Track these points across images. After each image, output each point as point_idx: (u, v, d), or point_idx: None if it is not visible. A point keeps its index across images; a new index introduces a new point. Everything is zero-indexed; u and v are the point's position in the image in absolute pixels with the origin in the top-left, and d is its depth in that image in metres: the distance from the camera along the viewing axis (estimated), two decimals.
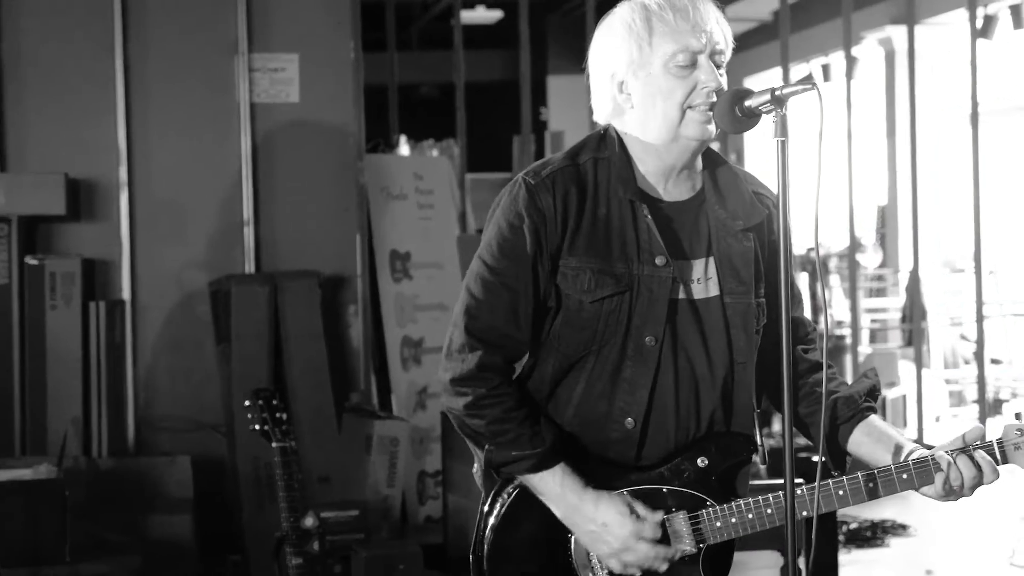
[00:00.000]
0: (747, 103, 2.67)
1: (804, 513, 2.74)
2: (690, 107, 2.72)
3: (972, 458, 2.73)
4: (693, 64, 2.72)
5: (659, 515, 2.73)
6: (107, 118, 6.41)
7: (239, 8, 6.57)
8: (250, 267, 6.50)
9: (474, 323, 2.75)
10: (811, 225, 2.75)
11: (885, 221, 14.26)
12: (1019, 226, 13.03)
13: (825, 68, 13.63)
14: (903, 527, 7.71)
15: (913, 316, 12.27)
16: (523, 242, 2.73)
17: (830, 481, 2.76)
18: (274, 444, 4.89)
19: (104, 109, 6.39)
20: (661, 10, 2.73)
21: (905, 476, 2.74)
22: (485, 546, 2.81)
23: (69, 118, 6.38)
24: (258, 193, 6.57)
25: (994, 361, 12.52)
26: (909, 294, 12.99)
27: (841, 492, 2.75)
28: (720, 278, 2.80)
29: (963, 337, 13.79)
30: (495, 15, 16.92)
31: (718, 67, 2.74)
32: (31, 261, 6.07)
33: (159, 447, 6.32)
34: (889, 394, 10.98)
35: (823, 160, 2.64)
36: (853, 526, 7.59)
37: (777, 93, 2.62)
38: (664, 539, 2.74)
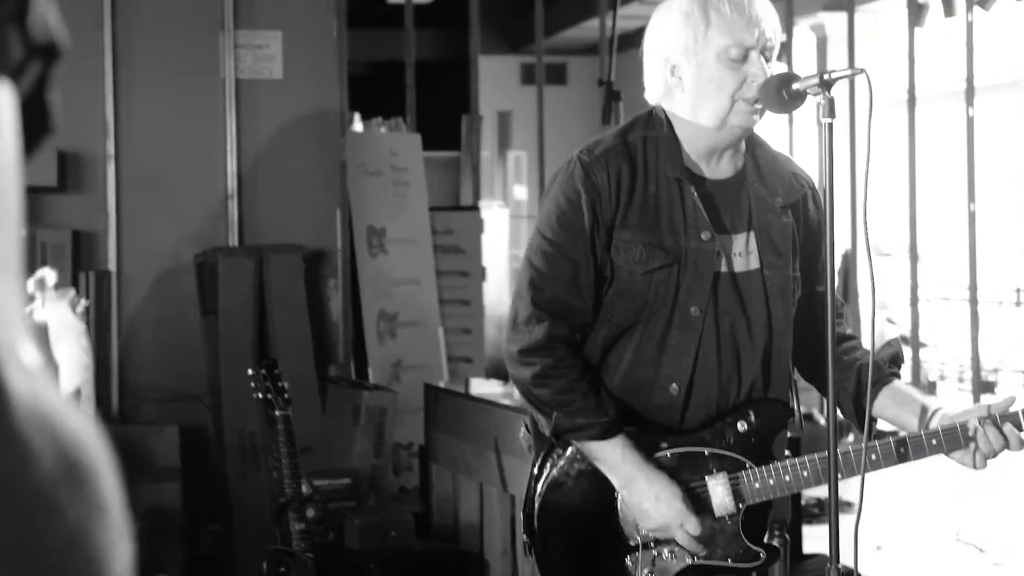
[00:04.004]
0: (795, 86, 2.84)
1: (840, 475, 2.92)
2: (740, 99, 2.89)
3: (998, 427, 2.92)
4: (744, 58, 2.88)
5: (703, 525, 2.89)
6: (95, 91, 6.47)
7: None
8: (234, 240, 6.59)
9: (539, 295, 2.88)
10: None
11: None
12: (943, 211, 13.34)
13: None
14: (849, 504, 7.91)
15: (847, 297, 12.56)
16: (580, 215, 2.88)
17: (863, 446, 2.94)
18: (277, 412, 4.99)
19: (93, 82, 6.45)
20: (719, 2, 2.89)
21: (935, 442, 2.91)
22: (536, 504, 2.96)
23: (59, 91, 6.43)
24: (242, 168, 6.67)
25: (921, 344, 12.85)
26: (842, 277, 13.28)
27: (874, 456, 2.92)
28: (760, 252, 2.97)
29: (889, 320, 14.12)
30: None
31: (767, 61, 2.92)
32: (22, 232, 6.11)
33: (142, 416, 6.41)
34: None
35: (871, 143, 2.85)
36: (801, 503, 7.79)
37: (825, 77, 2.81)
38: (700, 539, 2.91)
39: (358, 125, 10.65)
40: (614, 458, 2.87)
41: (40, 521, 0.73)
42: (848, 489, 2.90)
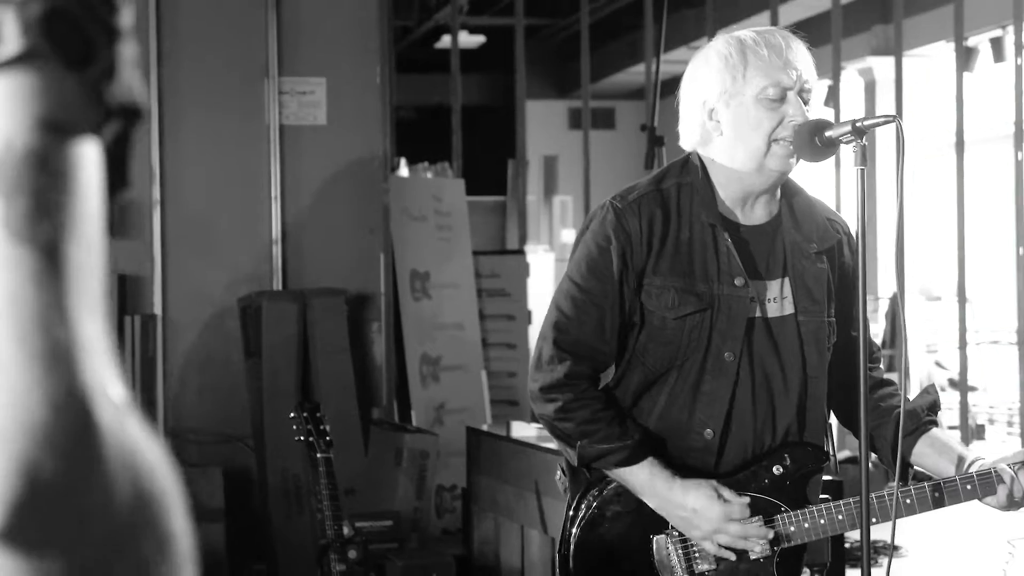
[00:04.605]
0: (827, 133, 2.87)
1: (874, 520, 2.93)
2: (775, 140, 2.91)
3: None
4: (782, 99, 2.91)
5: (745, 498, 2.91)
6: (142, 138, 6.56)
7: (269, 33, 6.75)
8: (278, 284, 6.66)
9: (563, 337, 2.92)
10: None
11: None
12: (993, 254, 13.29)
13: None
14: (896, 547, 7.86)
15: (895, 341, 12.49)
16: (610, 262, 2.91)
17: (896, 490, 2.94)
18: (319, 455, 5.04)
19: (139, 128, 6.54)
20: (756, 45, 2.93)
21: (969, 487, 2.92)
22: (571, 546, 2.98)
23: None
24: (286, 212, 6.75)
25: (970, 388, 12.77)
26: (889, 320, 13.23)
27: (908, 501, 2.93)
28: (795, 297, 2.99)
29: (938, 364, 14.05)
30: (477, 40, 17.14)
31: (805, 103, 2.94)
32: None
33: (187, 459, 6.46)
34: None
35: (903, 190, 2.86)
36: (845, 546, 7.74)
37: (858, 124, 2.83)
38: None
39: (404, 170, 10.72)
40: (644, 481, 2.89)
41: (113, 553, 0.76)
42: (896, 532, 2.89)
